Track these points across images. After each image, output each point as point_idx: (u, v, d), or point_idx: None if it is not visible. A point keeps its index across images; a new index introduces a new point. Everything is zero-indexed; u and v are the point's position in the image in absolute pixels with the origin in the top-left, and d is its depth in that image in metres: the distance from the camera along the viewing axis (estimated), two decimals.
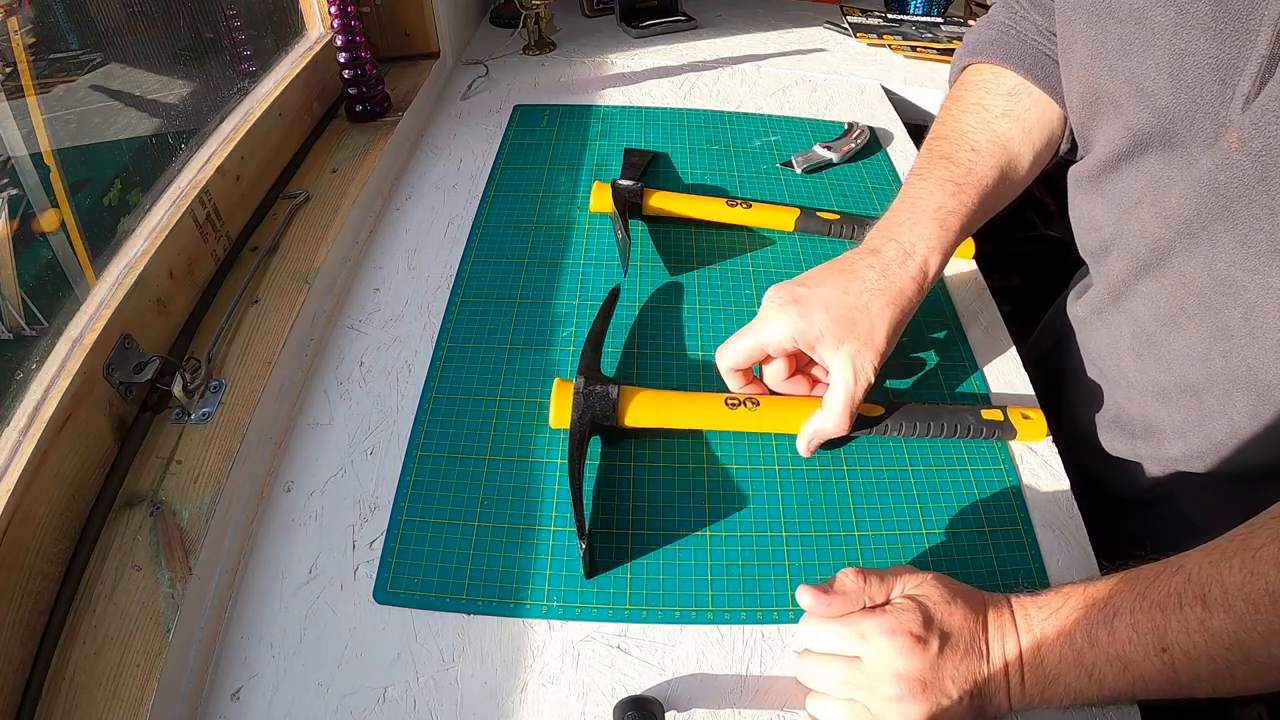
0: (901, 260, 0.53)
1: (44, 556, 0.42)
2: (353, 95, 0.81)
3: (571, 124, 0.88)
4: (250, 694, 0.42)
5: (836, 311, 0.51)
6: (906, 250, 0.53)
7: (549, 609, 0.46)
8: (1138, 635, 0.37)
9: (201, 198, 0.61)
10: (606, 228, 0.73)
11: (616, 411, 0.52)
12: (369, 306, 0.65)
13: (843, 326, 0.51)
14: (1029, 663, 0.40)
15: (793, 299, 0.52)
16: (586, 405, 0.52)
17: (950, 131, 0.59)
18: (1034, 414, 0.55)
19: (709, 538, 0.49)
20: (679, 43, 1.08)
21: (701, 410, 0.54)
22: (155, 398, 0.52)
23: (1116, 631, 0.38)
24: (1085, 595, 0.40)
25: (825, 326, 0.50)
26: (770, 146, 0.85)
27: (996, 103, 0.59)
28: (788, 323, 0.51)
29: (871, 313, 0.51)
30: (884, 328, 0.51)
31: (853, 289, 0.52)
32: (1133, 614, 0.38)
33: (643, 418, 0.53)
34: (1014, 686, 0.40)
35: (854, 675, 0.40)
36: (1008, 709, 0.40)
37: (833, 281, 0.53)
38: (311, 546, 0.49)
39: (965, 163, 0.57)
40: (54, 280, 0.51)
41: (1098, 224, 0.55)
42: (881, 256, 0.53)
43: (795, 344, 0.51)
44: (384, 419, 0.56)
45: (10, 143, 0.50)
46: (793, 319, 0.51)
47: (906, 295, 0.52)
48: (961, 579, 0.43)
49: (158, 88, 0.65)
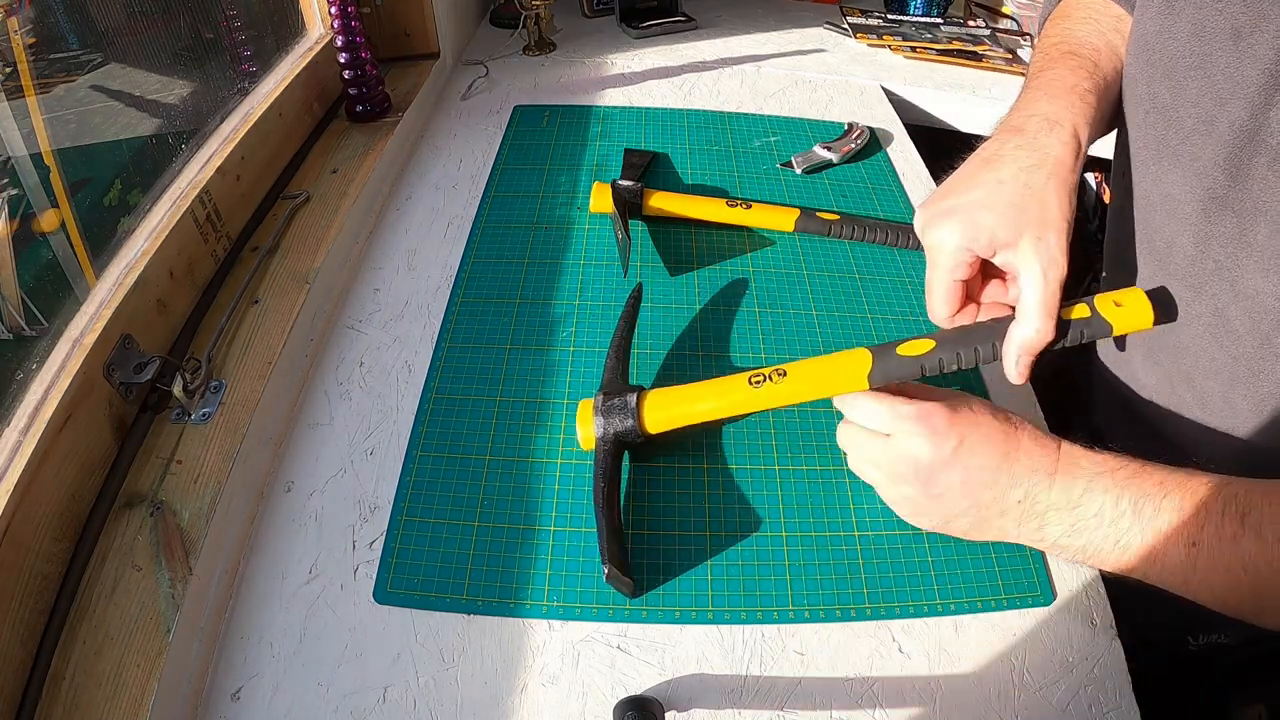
0: (1050, 128, 0.47)
1: (44, 557, 0.42)
2: (353, 95, 0.81)
3: (571, 124, 0.88)
4: (250, 694, 0.42)
5: (1000, 205, 0.45)
6: (1052, 119, 0.48)
7: (549, 609, 0.46)
8: (1174, 521, 0.39)
9: (201, 198, 0.61)
10: (606, 228, 0.73)
11: (639, 419, 0.50)
12: (369, 306, 0.65)
13: (1012, 218, 0.45)
14: (1058, 500, 0.42)
15: (949, 212, 0.47)
16: (607, 420, 0.50)
17: (1067, 36, 0.55)
18: (1128, 297, 0.46)
19: (709, 538, 0.49)
20: (679, 43, 1.08)
21: (726, 396, 0.50)
22: (155, 398, 0.52)
23: (1162, 510, 0.39)
24: (1138, 469, 0.41)
25: (994, 224, 0.45)
26: (770, 147, 0.85)
27: (1107, 20, 0.56)
28: (957, 238, 0.46)
29: (1036, 191, 0.45)
30: (1056, 203, 0.45)
31: (1006, 175, 0.46)
32: (1181, 500, 0.39)
33: (666, 419, 0.51)
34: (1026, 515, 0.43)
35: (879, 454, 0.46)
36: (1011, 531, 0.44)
37: (982, 178, 0.47)
38: (311, 546, 0.49)
39: (1090, 57, 0.53)
40: (54, 280, 0.51)
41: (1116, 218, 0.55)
42: (1026, 133, 0.48)
43: (973, 256, 0.46)
44: (384, 419, 0.56)
45: (10, 143, 0.50)
46: (959, 232, 0.46)
47: (1066, 164, 0.46)
48: (962, 579, 0.43)
49: (158, 88, 0.65)
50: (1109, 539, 0.41)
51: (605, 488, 0.47)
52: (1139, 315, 0.45)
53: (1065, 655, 0.45)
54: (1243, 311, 0.44)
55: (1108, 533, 0.41)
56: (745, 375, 0.50)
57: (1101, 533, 0.41)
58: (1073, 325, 0.45)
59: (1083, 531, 0.41)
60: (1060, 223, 0.45)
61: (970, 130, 1.01)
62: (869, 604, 0.46)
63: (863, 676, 0.44)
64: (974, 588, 0.47)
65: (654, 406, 0.51)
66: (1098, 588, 0.48)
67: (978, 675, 0.44)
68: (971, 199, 0.46)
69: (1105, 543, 0.41)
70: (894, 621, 0.46)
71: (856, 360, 0.48)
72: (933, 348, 0.47)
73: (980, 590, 0.47)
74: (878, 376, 0.47)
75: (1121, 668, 0.44)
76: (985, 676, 0.44)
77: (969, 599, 0.47)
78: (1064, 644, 0.45)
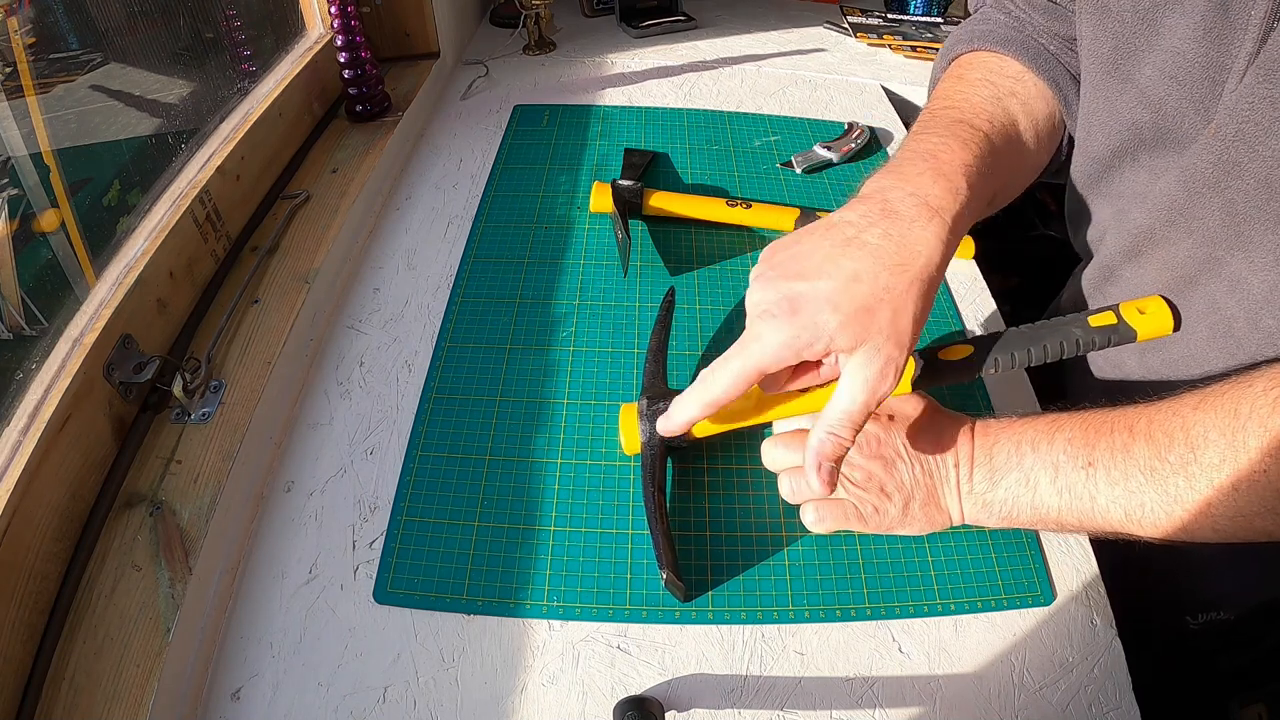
0: (926, 219, 0.41)
1: (44, 556, 0.42)
2: (353, 95, 0.81)
3: (571, 124, 0.88)
4: (250, 694, 0.42)
5: (848, 308, 0.40)
6: (932, 205, 0.42)
7: (549, 609, 0.46)
8: (1071, 448, 0.42)
9: (201, 198, 0.61)
10: (606, 228, 0.73)
11: None
12: (369, 306, 0.65)
13: (858, 324, 0.40)
14: (979, 458, 0.46)
15: (789, 305, 0.41)
16: (654, 425, 0.50)
17: (960, 101, 0.52)
18: (1151, 305, 0.45)
19: (709, 538, 0.49)
20: (679, 43, 1.08)
21: (775, 400, 0.49)
22: (155, 398, 0.52)
23: (1055, 442, 0.43)
24: (1038, 418, 0.45)
25: (835, 329, 0.40)
26: (770, 146, 0.85)
27: (1004, 83, 0.54)
28: (786, 338, 0.40)
29: (895, 296, 0.40)
30: (911, 312, 0.40)
31: (865, 271, 0.40)
32: (1071, 432, 0.43)
33: (712, 423, 0.50)
34: (963, 479, 0.46)
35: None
36: (959, 505, 0.47)
37: (836, 265, 0.41)
38: (311, 546, 0.49)
39: (984, 129, 0.48)
40: (54, 280, 0.51)
41: (1094, 221, 0.55)
42: (898, 219, 0.42)
43: (799, 358, 0.41)
44: (384, 419, 0.56)
45: (10, 143, 0.50)
46: (792, 332, 0.40)
47: (933, 266, 0.41)
48: (962, 579, 0.44)
49: (158, 88, 0.65)
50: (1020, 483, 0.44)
51: (656, 493, 0.47)
52: (1161, 322, 0.45)
53: (1065, 655, 0.45)
54: (1237, 304, 0.45)
55: (1018, 477, 0.44)
56: None
57: (1013, 476, 0.44)
58: (1100, 332, 0.45)
59: (999, 483, 0.45)
60: (906, 337, 0.40)
61: None
62: (869, 604, 0.46)
63: (863, 676, 0.44)
64: (974, 588, 0.47)
65: None
66: (1098, 588, 0.48)
67: (977, 675, 0.44)
68: (819, 291, 0.40)
69: (1018, 487, 0.44)
70: (894, 621, 0.46)
71: None
72: (972, 353, 0.47)
73: (980, 590, 0.47)
74: (922, 382, 0.48)
75: (1122, 667, 0.44)
76: (985, 676, 0.44)
77: (969, 599, 0.47)
78: (1064, 644, 0.45)
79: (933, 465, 0.47)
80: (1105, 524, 0.42)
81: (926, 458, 0.47)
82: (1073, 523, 0.43)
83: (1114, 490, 0.41)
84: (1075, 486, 0.42)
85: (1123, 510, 0.41)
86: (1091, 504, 0.42)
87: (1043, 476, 0.43)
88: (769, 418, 0.50)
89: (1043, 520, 0.44)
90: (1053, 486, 0.43)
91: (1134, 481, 0.40)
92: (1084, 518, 0.42)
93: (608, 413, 0.56)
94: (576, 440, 0.54)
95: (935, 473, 0.47)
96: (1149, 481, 0.39)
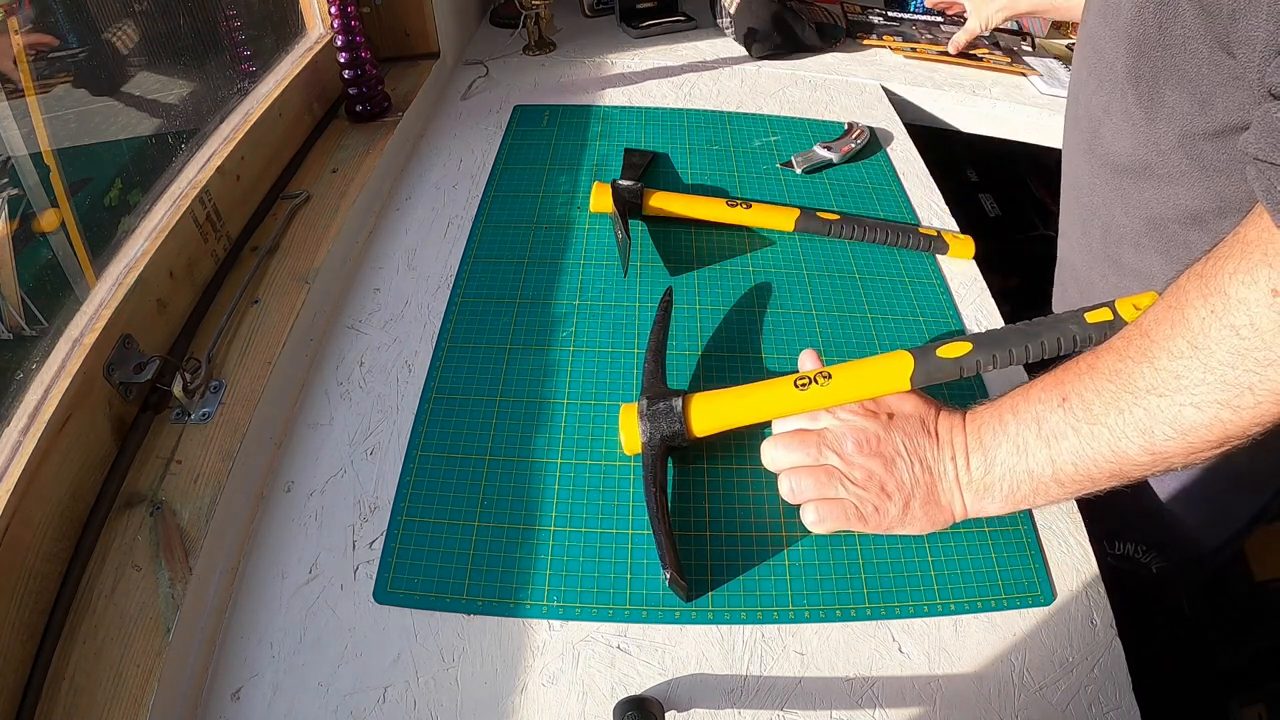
0: None
1: (44, 556, 0.42)
2: (353, 95, 0.81)
3: (571, 124, 0.88)
4: (250, 694, 0.42)
5: None
6: None
7: (549, 609, 0.46)
8: (1045, 394, 0.44)
9: (201, 198, 0.61)
10: (606, 228, 0.73)
11: (685, 424, 0.50)
12: (369, 306, 0.65)
13: None
14: (971, 445, 0.47)
15: None
16: (654, 425, 0.50)
17: None
18: (1146, 301, 0.46)
19: (709, 538, 0.49)
20: (679, 43, 1.08)
21: (773, 399, 0.50)
22: (155, 398, 0.52)
23: (1030, 398, 0.45)
24: (1015, 390, 0.47)
25: None
26: (770, 146, 0.85)
27: None
28: None
29: None
30: None
31: None
32: (1043, 384, 0.45)
33: (712, 422, 0.51)
34: (961, 470, 0.47)
35: (816, 443, 0.48)
36: (960, 498, 0.47)
37: None
38: (311, 546, 0.49)
39: None
40: (54, 280, 0.51)
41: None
42: None
43: None
44: (384, 419, 0.56)
45: (10, 143, 0.49)
46: None
47: None
48: (962, 579, 0.44)
49: (158, 88, 0.65)
50: (1012, 452, 0.45)
51: (658, 493, 0.48)
52: None
53: (1065, 655, 0.45)
54: None
55: (1009, 448, 0.45)
56: (790, 378, 0.51)
57: (1004, 449, 0.45)
58: (1096, 328, 0.47)
59: (994, 462, 0.45)
60: None
61: (970, 130, 1.01)
62: (869, 604, 0.46)
63: (863, 676, 0.44)
64: (974, 588, 0.47)
65: (700, 410, 0.51)
66: (1098, 588, 0.48)
67: (977, 675, 0.44)
68: None
69: (1011, 458, 0.45)
70: (894, 621, 0.46)
71: (899, 363, 0.49)
72: (970, 350, 0.48)
73: (980, 590, 0.47)
74: (919, 378, 0.48)
75: (1122, 667, 0.44)
76: (985, 676, 0.44)
77: (969, 599, 0.47)
78: (1064, 644, 0.45)
79: (931, 462, 0.47)
80: (1096, 456, 0.42)
81: (925, 455, 0.47)
82: (1069, 470, 0.43)
83: (1091, 412, 0.41)
84: (1059, 427, 0.43)
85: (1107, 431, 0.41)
86: (1078, 439, 0.42)
87: (1029, 435, 0.44)
88: (802, 409, 0.50)
89: (1044, 485, 0.44)
90: (1039, 439, 0.44)
91: (1106, 393, 0.41)
92: (1078, 460, 0.42)
93: (608, 413, 0.56)
94: (576, 440, 0.54)
95: (934, 469, 0.47)
96: (1120, 386, 0.40)
